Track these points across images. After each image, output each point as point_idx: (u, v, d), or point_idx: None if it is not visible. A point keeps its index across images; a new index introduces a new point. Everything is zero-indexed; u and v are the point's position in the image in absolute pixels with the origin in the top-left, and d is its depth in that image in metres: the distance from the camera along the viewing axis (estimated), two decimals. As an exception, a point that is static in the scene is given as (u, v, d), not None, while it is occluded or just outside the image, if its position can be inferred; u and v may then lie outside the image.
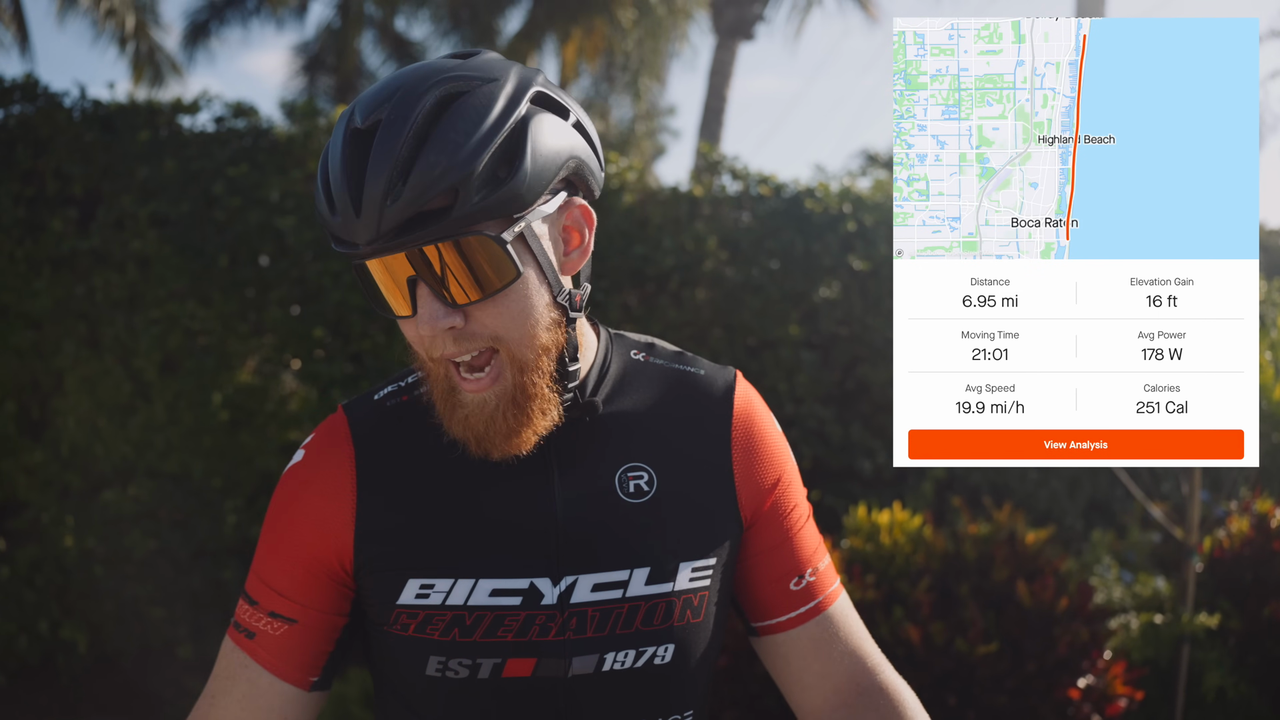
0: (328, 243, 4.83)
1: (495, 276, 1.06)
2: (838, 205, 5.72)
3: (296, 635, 1.19)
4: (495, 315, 1.09)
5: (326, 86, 19.60)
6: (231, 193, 4.77)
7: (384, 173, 1.02)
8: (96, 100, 4.80)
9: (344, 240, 1.06)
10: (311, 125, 4.90)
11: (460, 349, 1.09)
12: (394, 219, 1.03)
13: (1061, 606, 3.52)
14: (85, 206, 4.79)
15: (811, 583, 1.28)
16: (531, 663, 1.15)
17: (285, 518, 1.21)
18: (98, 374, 4.65)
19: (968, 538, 3.75)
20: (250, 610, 1.21)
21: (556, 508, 1.17)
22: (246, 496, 4.83)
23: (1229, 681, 4.01)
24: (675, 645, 1.18)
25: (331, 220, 1.06)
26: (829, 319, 5.64)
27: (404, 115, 1.04)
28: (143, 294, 4.71)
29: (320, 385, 4.90)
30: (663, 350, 1.30)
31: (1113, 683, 3.50)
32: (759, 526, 1.26)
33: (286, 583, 1.19)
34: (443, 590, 1.14)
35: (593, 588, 1.16)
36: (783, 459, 1.30)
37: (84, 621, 4.72)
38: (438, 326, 1.07)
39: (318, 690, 1.22)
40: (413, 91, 1.06)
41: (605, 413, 1.21)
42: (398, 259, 1.06)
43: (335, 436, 1.22)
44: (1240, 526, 4.41)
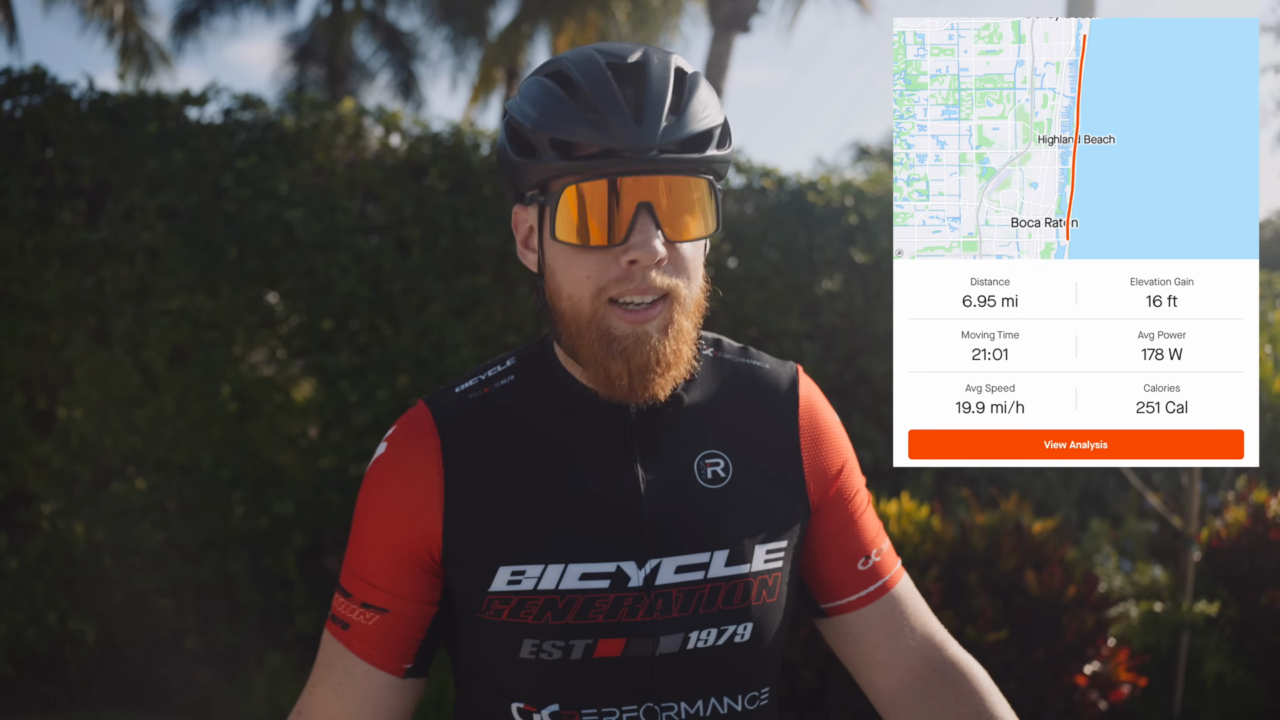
0: (337, 235, 4.91)
1: (706, 224, 1.18)
2: (839, 199, 5.74)
3: (389, 624, 1.23)
4: (684, 260, 1.18)
5: (317, 76, 19.58)
6: (240, 184, 4.78)
7: (663, 98, 1.14)
8: (104, 92, 4.80)
9: (600, 154, 1.13)
10: (319, 118, 4.92)
11: (650, 286, 1.15)
12: (671, 137, 1.13)
13: (1069, 595, 3.56)
14: (94, 198, 4.80)
15: (878, 562, 1.34)
16: (621, 643, 1.19)
17: (373, 510, 1.24)
18: (107, 366, 4.67)
19: (975, 528, 3.79)
20: (345, 603, 1.25)
21: (640, 493, 1.21)
22: (254, 488, 4.86)
23: (1227, 668, 4.06)
24: (753, 624, 1.23)
25: (592, 131, 1.12)
26: (830, 311, 5.66)
27: (665, 63, 1.18)
28: (152, 286, 4.72)
29: (328, 377, 4.93)
30: (729, 345, 1.37)
31: (1116, 669, 3.54)
32: (825, 511, 1.33)
33: (377, 573, 1.23)
34: (534, 576, 1.18)
35: (676, 570, 1.20)
36: (845, 447, 1.37)
37: (92, 613, 4.75)
38: (655, 255, 1.13)
39: (412, 677, 1.26)
40: (659, 53, 1.19)
41: (683, 404, 1.26)
42: (630, 184, 1.13)
43: (419, 427, 1.25)
44: (1237, 516, 4.44)
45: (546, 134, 1.15)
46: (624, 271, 1.14)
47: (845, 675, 3.48)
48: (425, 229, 5.01)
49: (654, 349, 1.16)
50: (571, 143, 1.14)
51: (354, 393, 4.88)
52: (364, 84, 19.93)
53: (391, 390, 4.92)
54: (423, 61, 20.00)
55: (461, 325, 4.99)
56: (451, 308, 5.04)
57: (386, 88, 19.73)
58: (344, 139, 5.00)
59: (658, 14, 15.01)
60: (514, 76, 16.91)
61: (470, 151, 5.11)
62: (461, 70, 18.91)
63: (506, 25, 16.10)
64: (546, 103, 1.16)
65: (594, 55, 1.19)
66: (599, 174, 1.13)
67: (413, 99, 19.67)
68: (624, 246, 1.13)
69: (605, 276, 1.15)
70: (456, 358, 4.96)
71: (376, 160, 5.09)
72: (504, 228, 5.07)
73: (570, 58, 1.20)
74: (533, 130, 1.16)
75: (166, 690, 4.82)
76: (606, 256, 1.15)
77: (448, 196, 5.05)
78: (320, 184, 4.93)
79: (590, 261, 1.15)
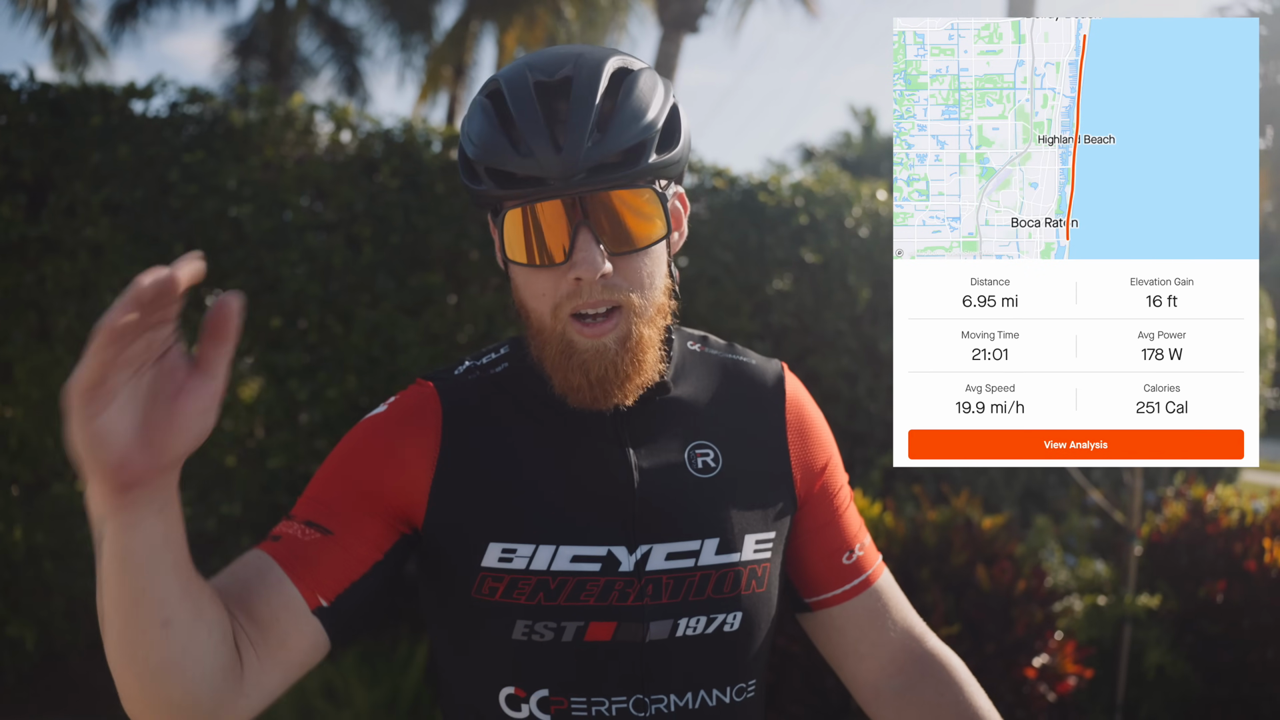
0: (286, 232, 4.81)
1: (650, 231, 1.18)
2: (790, 199, 5.78)
3: (325, 546, 1.16)
4: (635, 270, 1.19)
5: (259, 71, 19.26)
6: (187, 180, 4.67)
7: (587, 118, 1.14)
8: (45, 83, 4.65)
9: (529, 180, 1.14)
10: (269, 113, 4.82)
11: (600, 299, 1.17)
12: (593, 159, 1.13)
13: (1019, 589, 3.64)
14: (34, 192, 4.65)
15: (860, 557, 1.37)
16: (612, 626, 1.19)
17: (355, 451, 1.23)
18: (48, 364, 4.52)
19: (926, 524, 3.85)
20: (286, 523, 1.19)
21: (633, 480, 1.23)
22: (199, 489, 4.75)
23: (1168, 659, 4.17)
24: (743, 613, 1.24)
25: (519, 160, 1.14)
26: (781, 311, 5.71)
27: (594, 74, 1.17)
28: (95, 282, 4.59)
29: (276, 376, 4.84)
30: (715, 342, 1.39)
31: (1064, 662, 3.62)
32: (811, 505, 1.35)
33: (337, 499, 1.19)
34: (525, 555, 1.19)
35: (666, 556, 1.22)
36: (830, 443, 1.39)
37: (32, 618, 4.60)
38: (597, 271, 1.15)
39: (320, 620, 1.14)
40: (593, 58, 1.19)
41: (671, 395, 1.28)
42: (567, 204, 1.15)
43: (424, 394, 1.27)
44: (1176, 512, 4.57)
45: (483, 164, 1.18)
46: (573, 287, 1.17)
47: (799, 673, 3.52)
48: (376, 226, 4.94)
49: (611, 362, 1.18)
50: (502, 172, 1.17)
51: (303, 391, 4.80)
52: (307, 79, 19.62)
53: (341, 389, 4.85)
54: (368, 58, 19.77)
55: (413, 324, 4.94)
56: (403, 306, 4.98)
57: (331, 83, 19.45)
58: (294, 134, 4.91)
59: (606, 13, 15.02)
60: (461, 74, 16.79)
61: (422, 149, 5.05)
62: (408, 66, 18.73)
63: (455, 23, 15.99)
64: (483, 131, 1.19)
65: (524, 73, 1.20)
66: (532, 199, 1.16)
67: (358, 95, 19.43)
68: (568, 264, 1.16)
69: (558, 293, 1.18)
70: (407, 356, 4.90)
71: (327, 156, 5.00)
72: (456, 226, 5.02)
73: (505, 75, 1.22)
74: (474, 160, 1.19)
75: (109, 696, 4.68)
76: (557, 273, 1.18)
77: (399, 194, 4.99)
78: (269, 180, 4.83)
79: (543, 279, 1.18)
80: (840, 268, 5.88)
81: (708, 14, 10.44)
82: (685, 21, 10.30)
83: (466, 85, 17.24)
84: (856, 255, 5.93)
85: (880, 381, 6.03)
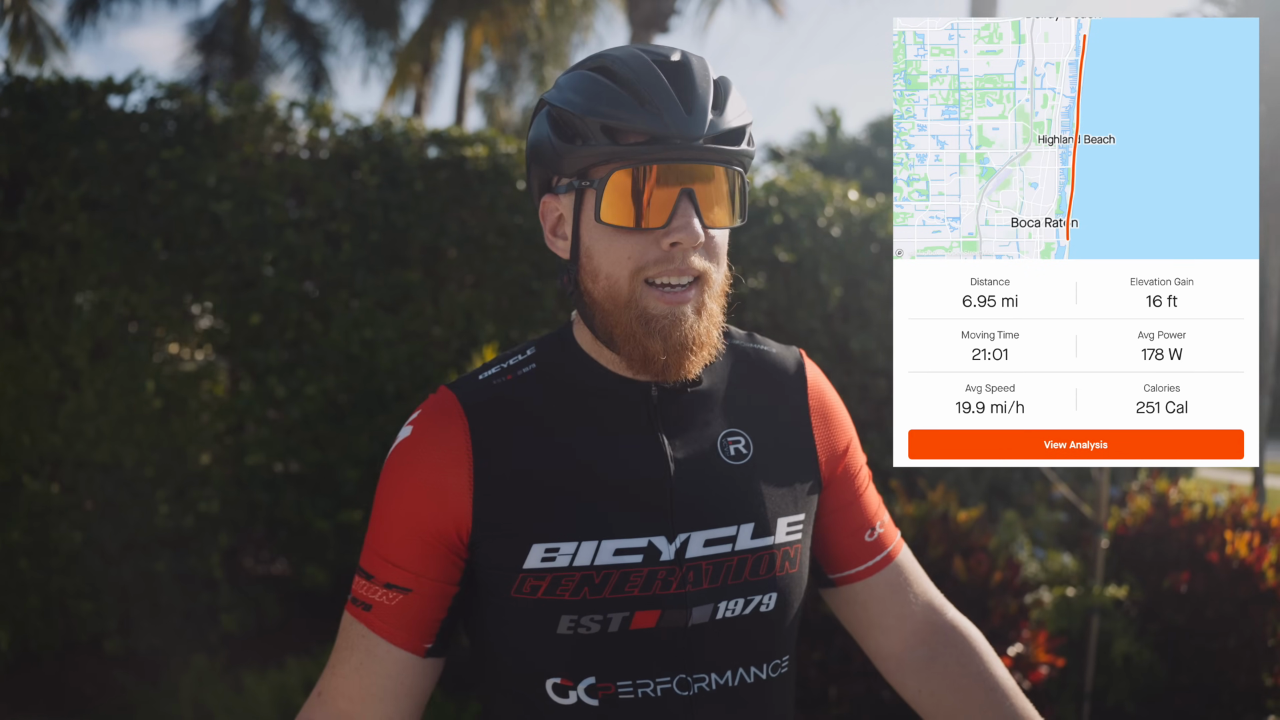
0: (265, 228, 4.79)
1: (736, 213, 1.24)
2: (764, 198, 5.84)
3: (412, 604, 1.25)
4: (717, 246, 1.25)
5: (222, 67, 19.02)
6: (166, 176, 4.64)
7: (708, 93, 1.21)
8: (22, 77, 4.60)
9: (650, 139, 1.18)
10: (248, 109, 4.81)
11: (687, 268, 1.21)
12: (716, 127, 1.19)
13: (995, 581, 3.72)
14: (11, 188, 4.60)
15: (882, 534, 1.42)
16: (656, 614, 1.22)
17: (399, 491, 1.26)
18: (24, 361, 4.48)
19: (904, 517, 3.92)
20: (366, 585, 1.27)
21: (670, 471, 1.26)
22: (178, 486, 4.73)
23: (1134, 648, 4.27)
24: (778, 594, 1.28)
25: (647, 116, 1.18)
26: (755, 309, 5.76)
27: (704, 64, 1.24)
28: (73, 278, 4.55)
29: (255, 373, 4.83)
30: (735, 332, 1.43)
31: (1036, 651, 3.70)
32: (834, 486, 1.40)
33: (402, 554, 1.25)
34: (568, 553, 1.21)
35: (705, 543, 1.25)
36: (849, 425, 1.44)
37: (6, 617, 4.56)
38: (698, 238, 1.19)
39: (433, 656, 1.28)
40: (695, 55, 1.26)
41: (702, 385, 1.32)
42: (682, 170, 1.19)
43: (445, 408, 1.27)
44: (1141, 505, 4.67)
45: (597, 120, 1.19)
46: (664, 253, 1.20)
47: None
48: (355, 224, 4.94)
49: (690, 328, 1.22)
50: (619, 129, 1.19)
51: (282, 388, 4.79)
52: (271, 76, 19.39)
53: (320, 386, 4.84)
54: (333, 54, 19.57)
55: (392, 321, 4.94)
56: (381, 303, 4.98)
57: (295, 80, 19.24)
58: (273, 131, 4.90)
59: (574, 11, 14.99)
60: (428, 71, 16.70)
61: (402, 146, 5.06)
62: (374, 63, 18.57)
63: (423, 20, 15.89)
64: (596, 91, 1.21)
65: (638, 52, 1.25)
66: (648, 159, 1.18)
67: (323, 91, 19.23)
68: (666, 230, 1.19)
69: (645, 258, 1.20)
70: (386, 353, 4.91)
71: (306, 153, 5.00)
72: (434, 223, 5.03)
73: (614, 54, 1.25)
74: (581, 116, 1.20)
75: (83, 697, 4.65)
76: (646, 239, 1.20)
77: (378, 191, 4.99)
78: (248, 177, 4.81)
79: (631, 243, 1.20)
80: (813, 266, 5.95)
81: (677, 14, 10.48)
82: (655, 21, 10.33)
83: (433, 82, 17.17)
84: (829, 254, 6.00)
85: (852, 379, 6.10)
